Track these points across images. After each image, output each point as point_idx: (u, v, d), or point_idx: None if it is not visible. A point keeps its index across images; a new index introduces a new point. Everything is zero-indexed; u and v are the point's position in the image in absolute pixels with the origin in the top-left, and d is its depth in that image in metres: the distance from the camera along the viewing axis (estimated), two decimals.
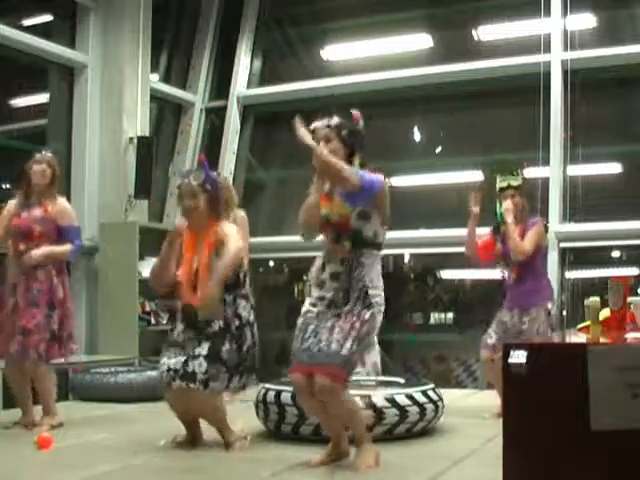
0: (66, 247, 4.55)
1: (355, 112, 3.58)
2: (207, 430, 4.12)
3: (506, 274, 4.86)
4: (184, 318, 3.95)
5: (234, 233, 3.94)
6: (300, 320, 3.52)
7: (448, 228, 7.36)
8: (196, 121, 8.59)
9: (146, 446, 4.01)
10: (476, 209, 4.78)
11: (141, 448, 3.97)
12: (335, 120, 3.53)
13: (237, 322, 3.89)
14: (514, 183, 4.76)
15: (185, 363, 3.77)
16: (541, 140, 7.12)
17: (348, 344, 3.36)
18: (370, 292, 3.44)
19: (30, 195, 4.57)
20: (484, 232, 4.92)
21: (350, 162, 3.50)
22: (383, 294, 3.51)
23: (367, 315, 3.42)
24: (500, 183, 4.79)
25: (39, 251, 4.45)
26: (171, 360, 3.83)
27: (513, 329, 4.70)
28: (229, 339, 3.84)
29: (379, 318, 3.48)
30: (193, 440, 4.05)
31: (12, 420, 4.62)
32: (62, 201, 4.68)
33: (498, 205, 4.81)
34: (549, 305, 4.71)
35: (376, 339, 3.55)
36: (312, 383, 3.40)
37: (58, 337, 4.49)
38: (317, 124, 3.54)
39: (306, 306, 3.53)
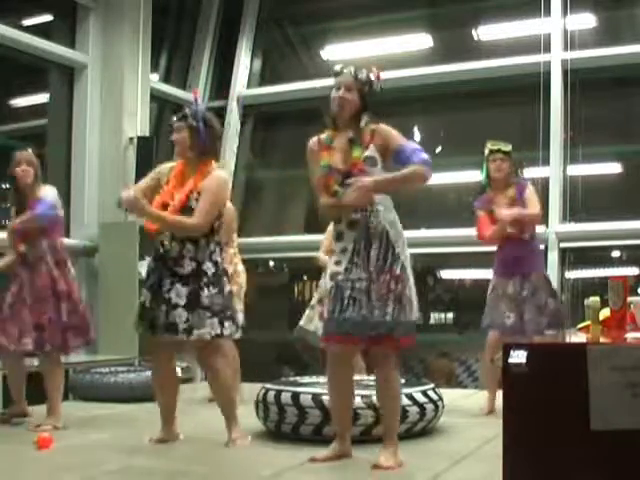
0: (27, 215, 4.50)
1: (378, 71, 3.59)
2: (205, 430, 4.12)
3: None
4: (155, 256, 3.94)
5: (214, 188, 3.89)
6: (330, 284, 3.41)
7: (448, 228, 7.37)
8: None
9: (146, 446, 4.00)
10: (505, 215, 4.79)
11: (141, 448, 3.97)
12: (362, 74, 3.50)
13: (213, 268, 3.87)
14: (504, 148, 4.86)
15: (166, 315, 3.79)
16: (541, 140, 7.13)
17: (389, 309, 3.30)
18: (391, 236, 3.38)
19: (23, 199, 4.58)
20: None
21: (359, 117, 3.47)
22: (405, 239, 3.45)
23: (398, 270, 3.35)
24: (491, 146, 4.88)
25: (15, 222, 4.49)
26: (157, 311, 3.82)
27: (519, 298, 4.74)
28: (206, 284, 3.83)
29: (409, 266, 3.41)
30: (168, 436, 4.05)
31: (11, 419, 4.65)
32: (45, 189, 4.63)
33: (485, 167, 4.91)
34: (547, 273, 4.91)
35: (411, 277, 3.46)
36: (352, 355, 3.46)
37: (72, 327, 4.50)
38: (344, 69, 3.51)
39: (331, 267, 3.44)
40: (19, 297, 4.45)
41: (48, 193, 4.60)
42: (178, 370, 4.35)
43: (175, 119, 4.08)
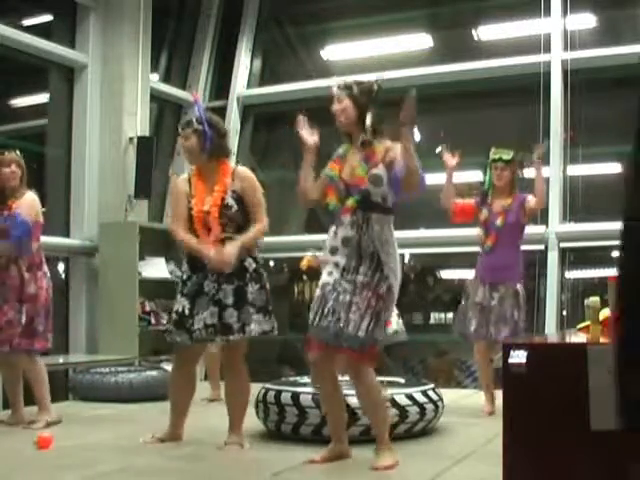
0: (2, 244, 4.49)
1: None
2: (205, 431, 4.12)
3: (482, 241, 5.03)
4: (191, 262, 3.95)
5: (257, 186, 4.06)
6: (318, 292, 3.51)
7: (448, 228, 7.36)
8: None
9: (146, 446, 4.01)
10: (451, 161, 4.94)
11: (141, 448, 3.97)
12: (347, 81, 3.58)
13: (254, 264, 3.93)
14: (505, 157, 4.94)
15: (220, 316, 3.81)
16: (541, 140, 7.12)
17: (364, 324, 3.36)
18: (382, 257, 3.43)
19: (4, 199, 4.55)
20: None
21: (362, 122, 3.51)
22: (398, 259, 3.51)
23: (383, 289, 3.41)
24: (493, 155, 4.98)
25: None
26: (206, 314, 3.83)
27: (487, 306, 4.90)
28: (250, 280, 3.88)
29: (396, 287, 3.47)
30: (172, 436, 4.06)
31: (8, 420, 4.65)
32: (28, 195, 4.61)
33: (488, 174, 5.02)
34: (518, 286, 4.92)
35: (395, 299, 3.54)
36: (330, 361, 3.50)
37: (28, 331, 4.48)
38: (333, 86, 3.59)
39: (324, 277, 3.52)
40: None
41: (26, 206, 4.53)
42: None
43: (180, 127, 4.09)
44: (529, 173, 5.16)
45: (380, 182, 3.47)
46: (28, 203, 4.56)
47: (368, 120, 3.51)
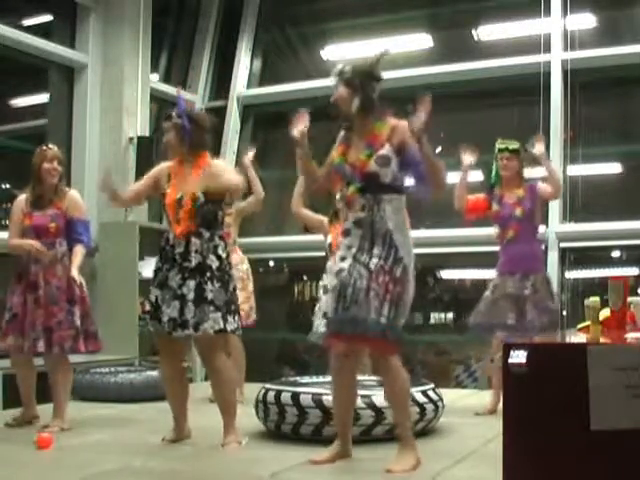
0: (79, 251, 4.53)
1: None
2: (205, 430, 4.12)
3: (500, 235, 4.96)
4: (161, 253, 3.99)
5: (224, 171, 4.02)
6: (334, 281, 3.40)
7: (448, 228, 7.36)
8: None
9: (146, 446, 4.01)
10: (468, 160, 4.92)
11: (141, 448, 3.97)
12: (339, 67, 3.55)
13: (217, 262, 3.91)
14: (511, 147, 4.91)
15: (181, 311, 3.82)
16: None
17: (385, 310, 3.29)
18: (395, 237, 3.37)
19: (42, 193, 4.54)
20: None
21: (364, 107, 3.47)
22: (410, 239, 3.45)
23: (398, 272, 3.34)
24: (499, 145, 4.96)
25: (75, 274, 4.49)
26: (168, 309, 3.85)
27: (520, 295, 4.78)
28: (210, 278, 3.86)
29: (411, 268, 3.40)
30: (180, 435, 4.07)
31: (13, 416, 4.64)
32: (73, 193, 4.63)
33: (495, 167, 4.98)
34: (548, 274, 4.96)
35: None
36: (354, 356, 3.47)
37: (83, 332, 4.48)
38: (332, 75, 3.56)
39: (337, 263, 3.43)
40: (31, 298, 4.42)
41: (80, 206, 4.60)
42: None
43: (162, 121, 4.15)
44: (529, 173, 5.14)
45: (388, 162, 3.40)
46: (77, 201, 4.61)
47: (354, 104, 3.45)
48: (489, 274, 5.05)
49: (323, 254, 5.49)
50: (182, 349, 4.17)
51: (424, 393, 4.26)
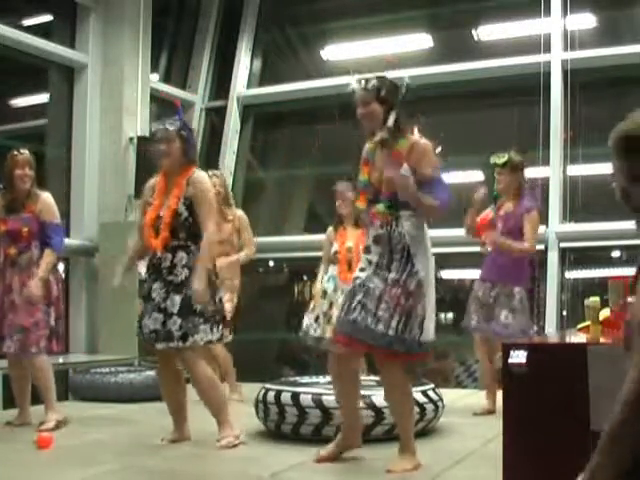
0: (47, 255, 4.48)
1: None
2: (205, 430, 4.12)
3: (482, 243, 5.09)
4: (149, 265, 4.02)
5: (209, 194, 3.98)
6: (349, 286, 3.52)
7: (448, 228, 7.36)
8: (196, 121, 8.60)
9: (146, 446, 4.01)
10: (479, 196, 4.96)
11: (141, 448, 3.97)
12: (372, 82, 3.51)
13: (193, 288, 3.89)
14: (498, 161, 4.95)
15: (163, 324, 3.85)
16: (541, 140, 7.12)
17: (394, 322, 3.31)
18: (412, 251, 3.39)
19: (15, 198, 4.54)
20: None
21: (386, 119, 3.47)
22: (430, 255, 3.48)
23: (412, 285, 3.36)
24: (490, 160, 5.01)
25: (34, 285, 4.39)
26: (149, 320, 3.89)
27: (485, 303, 4.93)
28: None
29: (427, 282, 3.41)
30: (179, 437, 4.07)
31: (9, 420, 4.64)
32: (45, 197, 4.62)
33: (495, 180, 5.05)
34: (516, 289, 4.88)
35: (434, 301, 3.48)
36: (353, 358, 3.49)
37: (56, 332, 4.52)
38: (355, 86, 3.52)
39: (356, 272, 3.52)
40: (7, 301, 4.43)
41: (52, 209, 4.57)
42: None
43: (162, 131, 4.05)
44: (529, 173, 5.15)
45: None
46: (50, 204, 4.59)
47: (390, 121, 3.46)
48: None
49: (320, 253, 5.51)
50: (171, 355, 4.17)
51: (424, 393, 4.26)
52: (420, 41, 8.38)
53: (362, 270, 3.48)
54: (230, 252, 5.39)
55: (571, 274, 7.22)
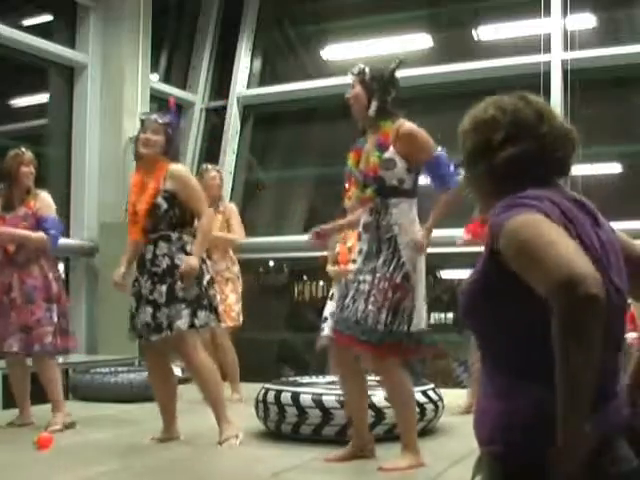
0: (39, 234, 4.47)
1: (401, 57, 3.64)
2: (205, 430, 4.12)
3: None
4: (137, 261, 4.06)
5: (192, 181, 4.06)
6: (342, 281, 3.59)
7: (448, 228, 7.35)
8: (196, 121, 8.60)
9: (146, 446, 4.01)
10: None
11: (141, 448, 3.97)
12: (359, 67, 3.57)
13: (185, 258, 3.91)
14: None
15: (154, 316, 3.88)
16: None
17: (383, 316, 3.32)
18: (399, 242, 3.39)
19: (14, 194, 4.55)
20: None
21: (369, 104, 3.50)
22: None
23: (399, 278, 3.36)
24: None
25: (8, 229, 4.42)
26: (142, 314, 3.94)
27: None
28: (180, 277, 3.88)
29: (414, 274, 3.41)
30: (168, 435, 4.08)
31: (10, 420, 4.63)
32: (44, 195, 4.64)
33: None
34: None
35: (423, 290, 3.48)
36: (348, 354, 3.48)
37: (62, 330, 4.50)
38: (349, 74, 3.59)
39: (350, 265, 3.59)
40: (6, 299, 4.43)
41: (49, 205, 4.58)
42: (177, 371, 4.35)
43: (151, 120, 4.07)
44: None
45: (392, 165, 3.44)
46: (49, 203, 4.61)
47: (373, 105, 3.48)
48: None
49: (323, 254, 5.50)
50: (164, 352, 4.17)
51: (424, 393, 4.26)
52: (420, 41, 8.38)
53: (354, 261, 3.55)
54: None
55: None
